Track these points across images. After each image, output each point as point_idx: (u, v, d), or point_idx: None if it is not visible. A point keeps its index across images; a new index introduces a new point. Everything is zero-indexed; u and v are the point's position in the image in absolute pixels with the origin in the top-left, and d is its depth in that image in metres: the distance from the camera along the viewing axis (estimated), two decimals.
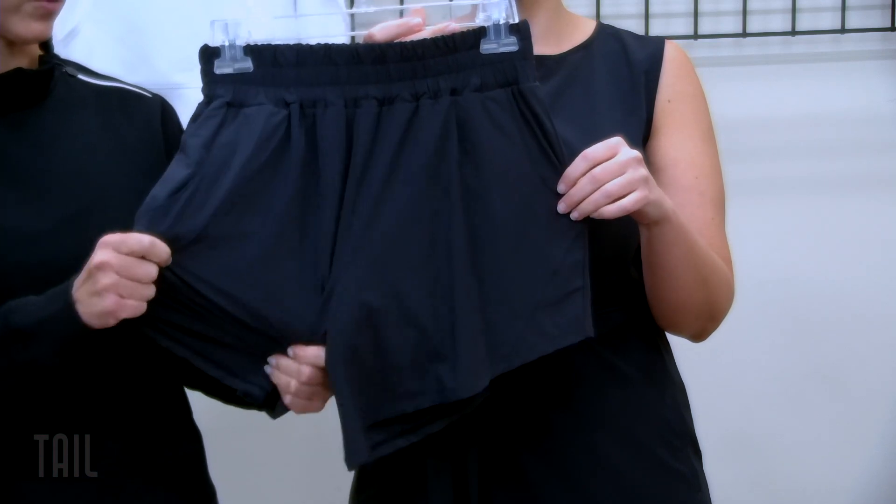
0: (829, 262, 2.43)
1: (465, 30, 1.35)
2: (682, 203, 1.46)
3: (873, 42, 2.38)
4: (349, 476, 1.57)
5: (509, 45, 1.35)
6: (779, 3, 2.37)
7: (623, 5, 2.37)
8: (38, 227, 1.39)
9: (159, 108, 1.55)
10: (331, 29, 2.04)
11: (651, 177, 1.38)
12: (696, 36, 2.34)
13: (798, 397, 2.45)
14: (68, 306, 1.30)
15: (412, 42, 1.34)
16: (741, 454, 2.45)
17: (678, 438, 1.52)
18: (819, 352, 2.45)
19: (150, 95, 1.56)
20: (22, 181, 1.41)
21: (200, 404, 2.25)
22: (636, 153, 1.36)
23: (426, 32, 1.36)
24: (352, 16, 1.97)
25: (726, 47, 2.38)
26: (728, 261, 1.52)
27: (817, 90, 2.38)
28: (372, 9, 1.43)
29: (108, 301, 1.27)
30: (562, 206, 1.36)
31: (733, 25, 2.36)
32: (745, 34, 2.35)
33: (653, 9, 2.36)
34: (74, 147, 1.46)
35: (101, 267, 1.27)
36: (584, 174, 1.35)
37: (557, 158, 1.36)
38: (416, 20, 1.37)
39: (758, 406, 2.45)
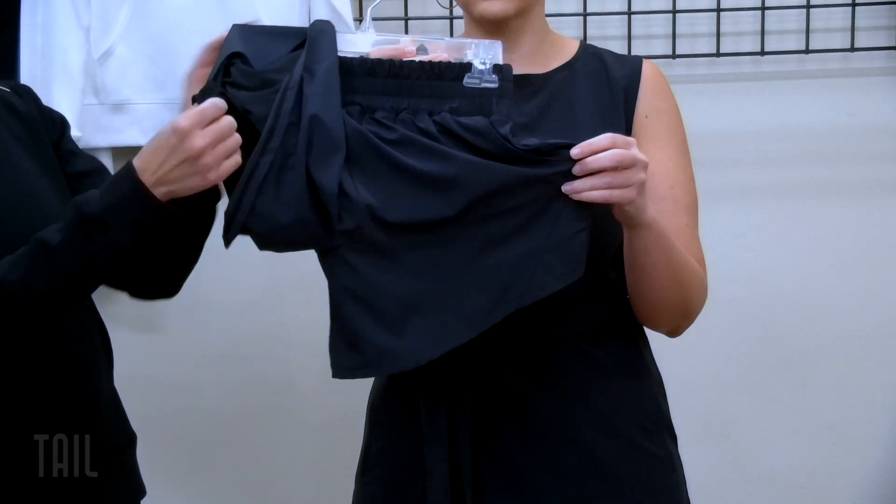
0: (793, 262, 2.45)
1: (451, 62, 1.39)
2: (659, 211, 1.49)
3: (836, 62, 2.41)
4: (355, 459, 1.67)
5: (490, 82, 1.38)
6: (749, 27, 2.39)
7: (608, 27, 2.39)
8: None
9: (28, 97, 1.57)
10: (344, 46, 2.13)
11: (645, 185, 1.41)
12: (673, 56, 2.37)
13: (765, 387, 2.47)
14: (137, 188, 1.33)
15: (401, 62, 1.38)
16: (713, 439, 2.47)
17: (655, 425, 1.57)
18: (784, 344, 2.47)
19: (7, 90, 1.57)
20: None
21: (209, 395, 2.32)
22: (646, 158, 1.39)
23: (418, 57, 1.39)
24: None
25: (701, 66, 2.41)
26: (702, 262, 1.56)
27: (783, 105, 2.41)
28: (378, 36, 1.48)
29: (211, 174, 1.32)
30: (577, 169, 1.36)
31: (708, 46, 2.39)
32: (718, 54, 2.38)
33: (635, 31, 2.38)
34: None
35: (198, 154, 1.31)
36: (605, 149, 1.36)
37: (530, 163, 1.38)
38: (411, 48, 1.40)
39: (729, 395, 2.48)
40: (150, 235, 1.37)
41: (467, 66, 1.39)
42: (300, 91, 1.34)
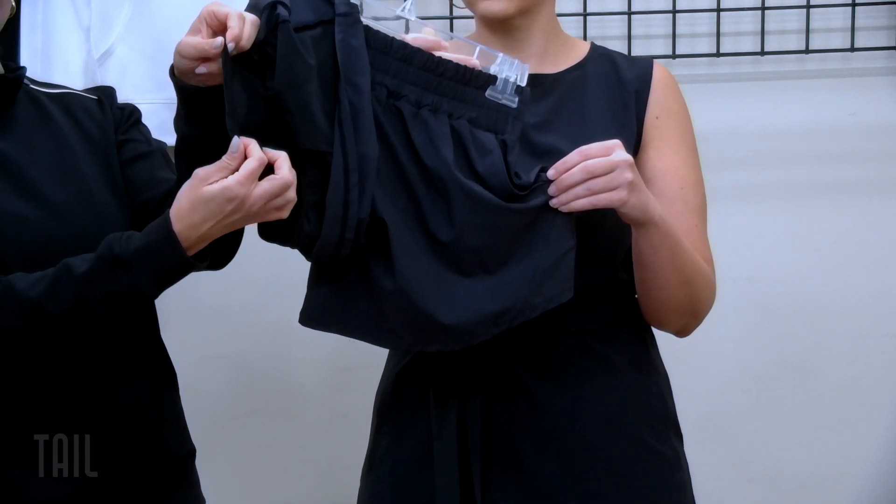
0: (793, 262, 2.46)
1: (482, 71, 1.42)
2: (668, 212, 1.51)
3: (836, 62, 2.41)
4: (360, 457, 1.68)
5: (510, 101, 1.43)
6: (749, 27, 2.40)
7: (608, 27, 2.40)
8: (34, 213, 1.46)
9: (106, 101, 1.62)
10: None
11: (639, 182, 1.44)
12: (673, 56, 2.38)
13: (769, 385, 2.48)
14: (168, 237, 1.37)
15: (439, 59, 1.41)
16: (718, 437, 2.48)
17: (661, 423, 1.59)
18: (787, 343, 2.47)
19: (93, 97, 1.63)
20: (12, 174, 1.48)
21: (209, 395, 2.33)
22: (628, 157, 1.42)
23: (452, 56, 1.42)
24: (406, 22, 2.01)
25: (701, 66, 2.42)
26: (710, 262, 1.57)
27: (783, 105, 2.41)
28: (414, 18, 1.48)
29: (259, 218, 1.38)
30: (552, 189, 1.42)
31: (708, 46, 2.40)
32: (718, 54, 2.39)
33: (635, 31, 2.39)
34: (51, 143, 1.53)
35: (256, 213, 1.37)
36: (576, 165, 1.41)
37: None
38: (446, 43, 1.44)
39: (734, 393, 2.48)
40: (170, 285, 1.43)
41: (492, 79, 1.42)
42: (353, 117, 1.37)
